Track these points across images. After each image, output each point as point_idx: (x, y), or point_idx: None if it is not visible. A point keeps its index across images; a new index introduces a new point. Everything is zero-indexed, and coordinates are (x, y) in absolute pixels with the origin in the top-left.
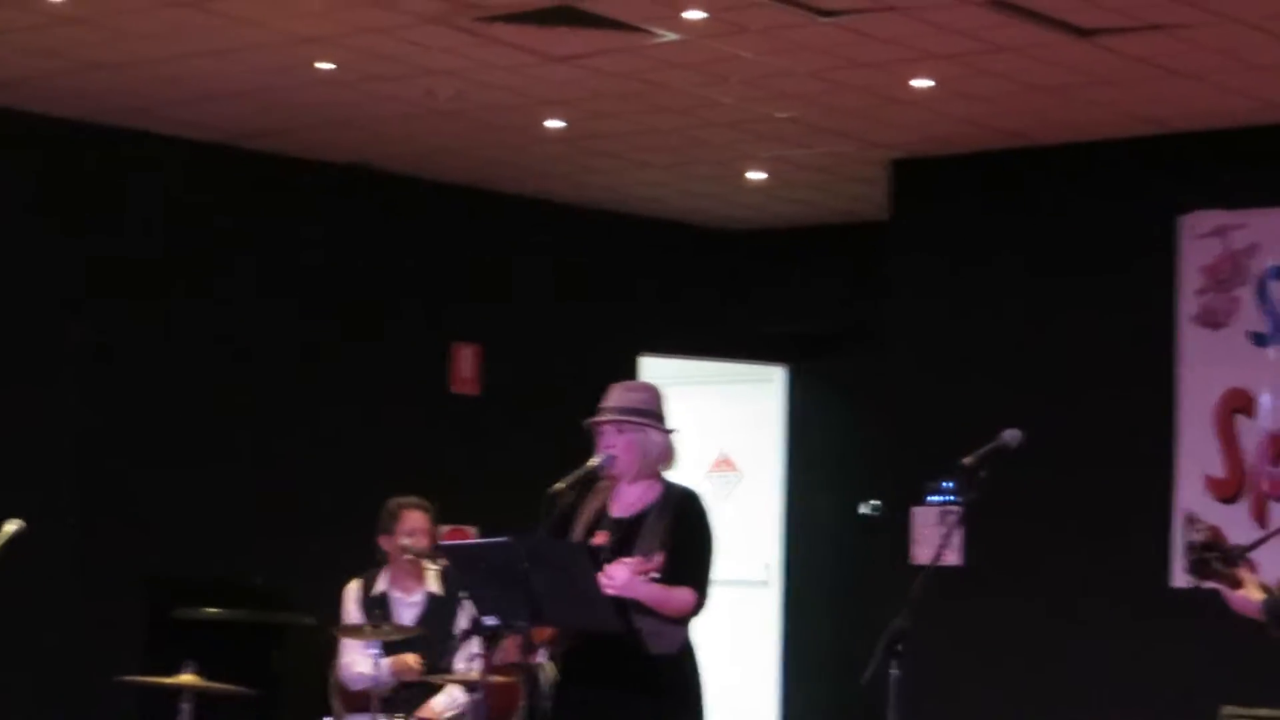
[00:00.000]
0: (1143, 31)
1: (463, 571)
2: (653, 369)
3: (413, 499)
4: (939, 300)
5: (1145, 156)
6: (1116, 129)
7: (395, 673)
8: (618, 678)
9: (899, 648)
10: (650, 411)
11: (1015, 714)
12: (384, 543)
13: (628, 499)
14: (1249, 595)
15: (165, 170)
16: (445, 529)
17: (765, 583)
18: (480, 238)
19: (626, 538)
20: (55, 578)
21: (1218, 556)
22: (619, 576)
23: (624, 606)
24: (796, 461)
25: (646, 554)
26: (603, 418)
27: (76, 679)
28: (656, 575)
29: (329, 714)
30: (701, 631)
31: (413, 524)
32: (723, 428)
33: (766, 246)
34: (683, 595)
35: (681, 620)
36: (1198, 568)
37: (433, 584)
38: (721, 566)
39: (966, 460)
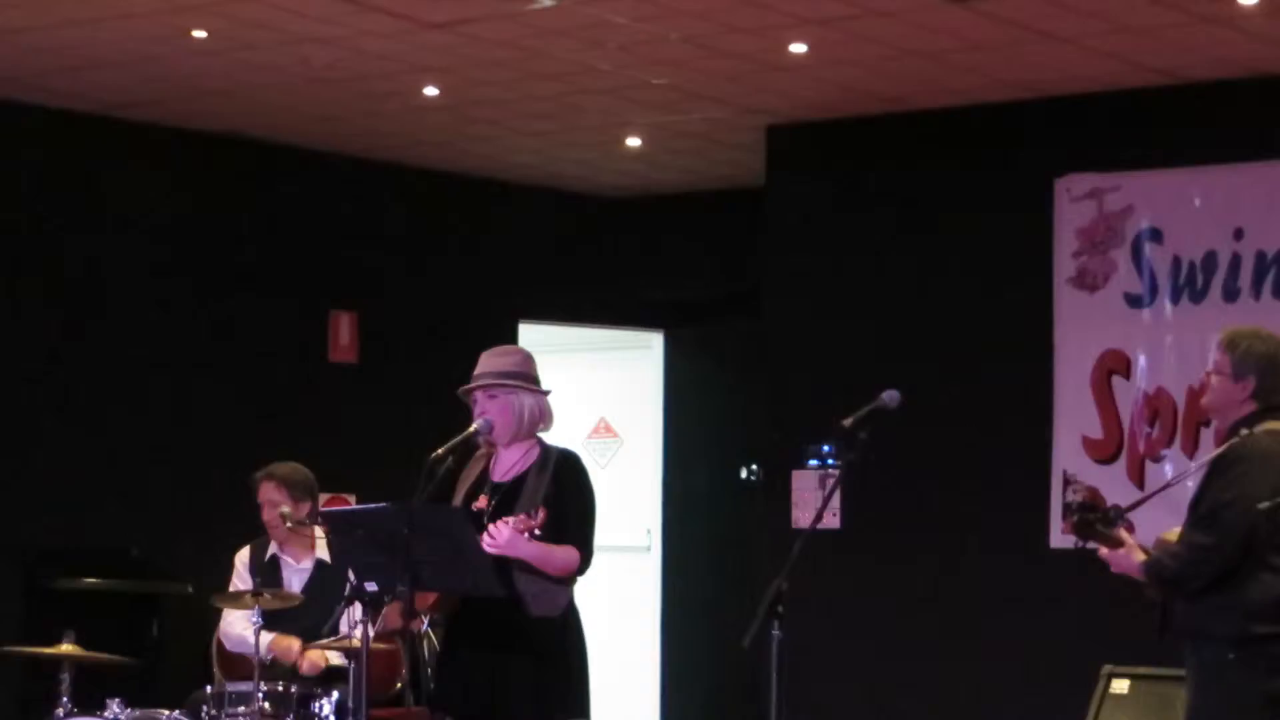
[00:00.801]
0: None
1: (343, 537)
2: (531, 336)
3: (262, 471)
4: (815, 265)
5: (1019, 120)
6: (991, 93)
7: (274, 651)
8: (501, 641)
9: (780, 609)
10: (521, 374)
11: (896, 675)
12: (263, 516)
13: (506, 463)
14: (1131, 555)
15: (38, 141)
16: (325, 497)
17: (646, 548)
18: (357, 206)
19: (506, 500)
20: None
21: (1099, 517)
22: (501, 535)
23: (506, 569)
24: (676, 427)
25: (528, 513)
26: (474, 384)
27: None
28: (539, 533)
29: (209, 682)
30: (582, 597)
31: (263, 495)
32: (602, 394)
33: (644, 213)
34: (566, 554)
35: (565, 580)
36: (1080, 528)
37: (323, 551)
38: (602, 532)
39: (845, 422)
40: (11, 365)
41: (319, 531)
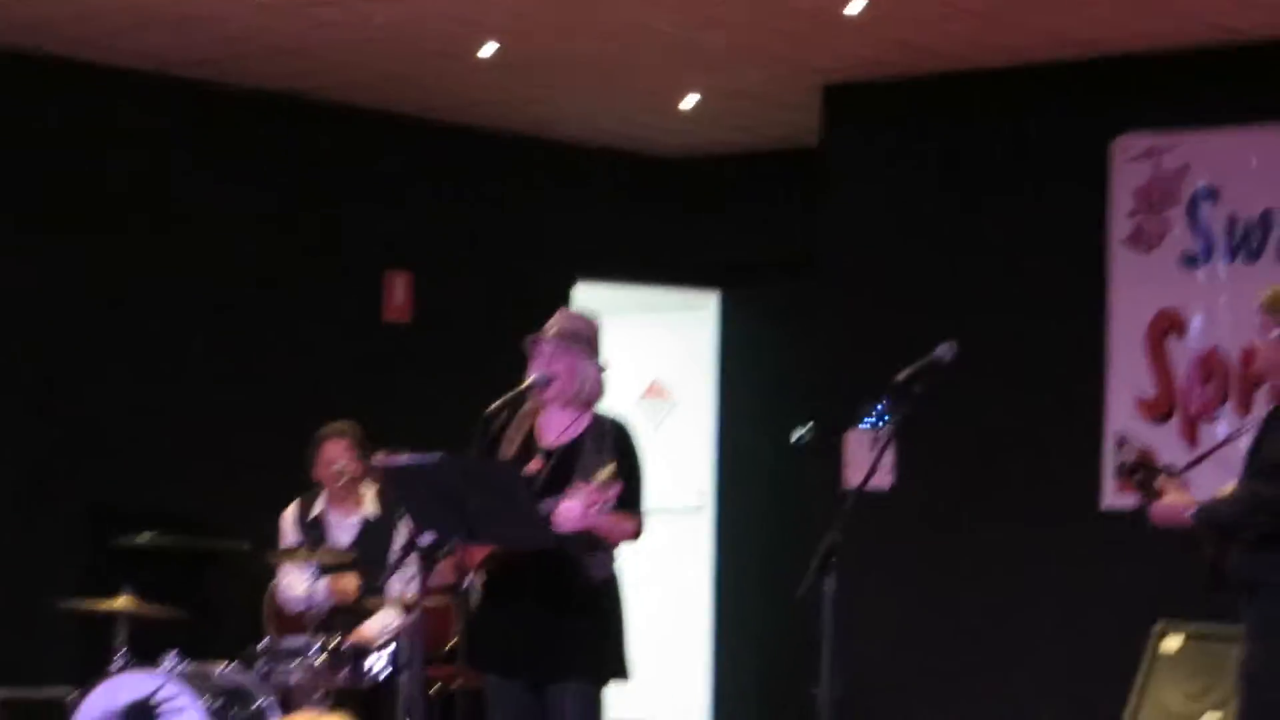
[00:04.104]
0: None
1: (402, 490)
2: (587, 296)
3: (329, 428)
4: (870, 225)
5: (1077, 80)
6: (1047, 52)
7: (332, 595)
8: (558, 601)
9: (833, 561)
10: (591, 341)
11: (945, 633)
12: (315, 474)
13: (556, 427)
14: (1176, 501)
15: (103, 99)
16: (379, 455)
17: (699, 509)
18: (413, 165)
19: (562, 466)
20: None
21: (1149, 470)
22: (574, 513)
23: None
24: (730, 388)
25: (587, 484)
26: (548, 336)
27: (15, 604)
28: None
29: (263, 637)
30: (637, 557)
31: (330, 455)
32: (656, 355)
33: (701, 173)
34: (629, 524)
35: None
36: (1132, 478)
37: (370, 507)
38: (656, 493)
39: (899, 376)
40: (76, 324)
41: (369, 489)
